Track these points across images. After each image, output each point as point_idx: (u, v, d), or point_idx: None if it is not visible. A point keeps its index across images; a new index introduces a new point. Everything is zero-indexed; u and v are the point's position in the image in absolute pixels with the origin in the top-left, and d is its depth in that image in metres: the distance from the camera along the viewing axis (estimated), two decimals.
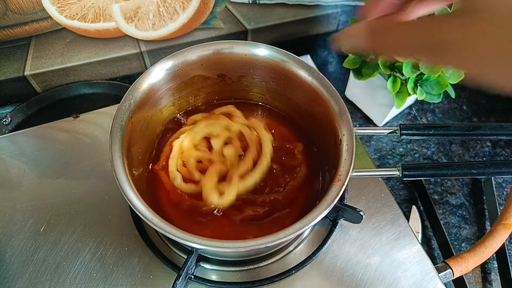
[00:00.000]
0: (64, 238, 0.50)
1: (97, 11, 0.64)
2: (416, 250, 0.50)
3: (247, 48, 0.49)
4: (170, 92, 0.51)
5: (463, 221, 0.65)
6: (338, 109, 0.45)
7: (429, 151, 0.73)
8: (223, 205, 0.45)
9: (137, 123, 0.46)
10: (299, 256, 0.50)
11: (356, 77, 0.65)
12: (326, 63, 0.86)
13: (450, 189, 0.69)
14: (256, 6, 0.73)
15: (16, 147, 0.58)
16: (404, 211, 0.65)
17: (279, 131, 0.55)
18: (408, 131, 0.45)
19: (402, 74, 0.57)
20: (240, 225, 0.47)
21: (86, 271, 0.47)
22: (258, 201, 0.47)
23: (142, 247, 0.49)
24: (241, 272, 0.48)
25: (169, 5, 0.67)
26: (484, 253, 0.52)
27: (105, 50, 0.71)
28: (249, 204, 0.47)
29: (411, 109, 0.78)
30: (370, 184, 0.55)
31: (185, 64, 0.49)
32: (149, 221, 0.36)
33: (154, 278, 0.47)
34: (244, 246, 0.36)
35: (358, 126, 0.76)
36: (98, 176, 0.55)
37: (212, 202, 0.44)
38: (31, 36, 0.65)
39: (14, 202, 0.53)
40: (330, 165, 0.46)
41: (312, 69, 0.48)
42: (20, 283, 0.47)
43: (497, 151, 0.74)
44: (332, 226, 0.51)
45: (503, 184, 0.69)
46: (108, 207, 0.52)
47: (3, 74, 0.68)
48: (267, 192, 0.48)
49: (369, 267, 0.49)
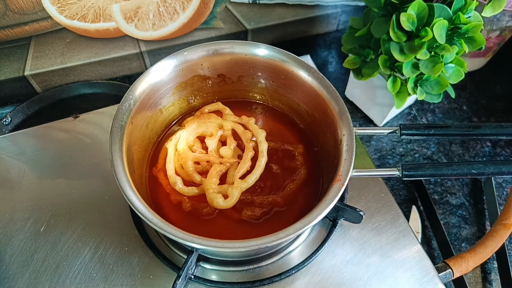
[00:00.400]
0: (64, 238, 0.50)
1: (97, 11, 0.64)
2: (416, 250, 0.50)
3: (247, 48, 0.49)
4: (170, 92, 0.51)
5: (463, 221, 0.65)
6: (338, 109, 0.45)
7: (429, 151, 0.73)
8: (228, 207, 0.45)
9: (137, 123, 0.46)
10: (299, 256, 0.50)
11: (356, 77, 0.65)
12: (326, 63, 0.86)
13: (450, 189, 0.69)
14: (256, 6, 0.73)
15: (16, 147, 0.58)
16: (404, 211, 0.65)
17: (279, 131, 0.55)
18: (408, 131, 0.45)
19: (402, 74, 0.57)
20: (240, 225, 0.47)
21: (86, 271, 0.47)
22: (256, 202, 0.47)
23: (142, 247, 0.49)
24: (241, 272, 0.48)
25: (169, 5, 0.67)
26: (484, 253, 0.52)
27: (105, 50, 0.71)
28: (248, 205, 0.47)
29: (411, 109, 0.78)
30: (370, 184, 0.55)
31: (185, 64, 0.49)
32: (149, 221, 0.37)
33: (154, 278, 0.47)
34: (244, 246, 0.36)
35: (358, 126, 0.76)
36: (98, 176, 0.55)
37: (218, 205, 0.45)
38: (31, 36, 0.65)
39: (14, 202, 0.53)
40: (330, 165, 0.46)
41: (312, 69, 0.48)
42: (20, 283, 0.47)
43: (497, 151, 0.74)
44: (332, 226, 0.51)
45: (503, 184, 0.69)
46: (108, 207, 0.52)
47: (3, 74, 0.68)
48: (266, 193, 0.48)
49: (369, 267, 0.49)
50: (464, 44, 0.54)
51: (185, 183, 0.47)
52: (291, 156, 0.51)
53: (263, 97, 0.57)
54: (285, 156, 0.51)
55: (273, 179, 0.49)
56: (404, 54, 0.54)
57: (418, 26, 0.53)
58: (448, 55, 0.56)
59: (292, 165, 0.50)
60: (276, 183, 0.49)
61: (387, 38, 0.55)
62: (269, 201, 0.47)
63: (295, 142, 0.53)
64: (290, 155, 0.51)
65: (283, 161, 0.51)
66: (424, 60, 0.55)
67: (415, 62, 0.56)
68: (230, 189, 0.45)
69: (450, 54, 0.56)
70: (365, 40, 0.62)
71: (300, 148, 0.52)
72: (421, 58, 0.54)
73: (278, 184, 0.49)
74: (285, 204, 0.48)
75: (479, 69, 0.85)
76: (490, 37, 0.73)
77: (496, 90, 0.83)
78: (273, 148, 0.51)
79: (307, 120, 0.53)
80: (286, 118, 0.56)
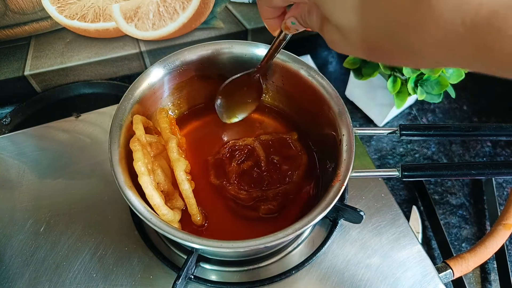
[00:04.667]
0: (64, 238, 0.50)
1: (97, 11, 0.64)
2: (416, 250, 0.50)
3: (247, 48, 0.49)
4: (169, 91, 0.51)
5: (463, 221, 0.65)
6: (338, 109, 0.45)
7: (429, 151, 0.73)
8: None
9: None
10: (299, 256, 0.50)
11: (356, 77, 0.65)
12: (326, 63, 0.86)
13: (450, 189, 0.69)
14: (256, 6, 0.73)
15: (16, 147, 0.58)
16: (404, 211, 0.65)
17: (279, 131, 0.55)
18: (408, 131, 0.45)
19: (402, 74, 0.57)
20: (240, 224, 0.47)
21: (86, 271, 0.47)
22: (270, 196, 0.47)
23: (142, 247, 0.49)
24: (241, 272, 0.48)
25: (169, 5, 0.67)
26: (484, 253, 0.52)
27: (105, 50, 0.71)
28: (263, 202, 0.47)
29: (411, 109, 0.78)
30: (370, 184, 0.55)
31: (185, 64, 0.49)
32: (148, 221, 0.37)
33: (154, 278, 0.47)
34: (243, 246, 0.36)
35: (358, 126, 0.76)
36: (98, 176, 0.55)
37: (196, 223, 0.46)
38: (31, 36, 0.65)
39: (14, 202, 0.53)
40: (329, 165, 0.46)
41: (312, 69, 0.47)
42: (20, 283, 0.47)
43: (497, 151, 0.74)
44: (332, 226, 0.51)
45: (504, 184, 0.69)
46: (108, 207, 0.52)
47: (3, 74, 0.68)
48: (276, 185, 0.48)
49: (369, 267, 0.49)
50: None
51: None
52: (288, 145, 0.52)
53: (263, 97, 0.57)
54: (282, 146, 0.52)
55: (278, 171, 0.50)
56: None
57: None
58: None
59: (291, 153, 0.51)
60: (282, 174, 0.49)
61: None
62: (281, 191, 0.48)
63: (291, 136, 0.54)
64: (287, 144, 0.52)
65: (281, 151, 0.51)
66: None
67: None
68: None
69: None
70: None
71: (294, 135, 0.53)
72: None
73: (283, 174, 0.49)
74: (296, 191, 0.48)
75: None
76: None
77: (496, 90, 0.83)
78: (267, 141, 0.52)
79: (307, 120, 0.53)
80: (285, 118, 0.56)
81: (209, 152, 0.52)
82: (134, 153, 0.40)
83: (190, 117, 0.56)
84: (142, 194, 0.39)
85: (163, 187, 0.43)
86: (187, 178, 0.44)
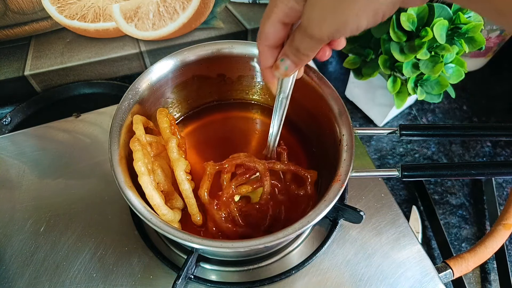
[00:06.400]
0: (64, 238, 0.50)
1: (97, 11, 0.64)
2: (416, 250, 0.50)
3: (247, 48, 0.49)
4: (169, 91, 0.51)
5: (463, 221, 0.65)
6: (337, 109, 0.45)
7: (429, 151, 0.73)
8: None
9: None
10: (299, 256, 0.50)
11: (356, 77, 0.65)
12: (326, 63, 0.86)
13: (450, 189, 0.69)
14: (256, 6, 0.73)
15: (16, 147, 0.58)
16: (404, 211, 0.65)
17: (298, 162, 0.51)
18: (407, 131, 0.45)
19: (402, 74, 0.57)
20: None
21: (86, 271, 0.47)
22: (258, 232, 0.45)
23: (142, 247, 0.49)
24: (241, 272, 0.48)
25: (169, 5, 0.67)
26: (484, 253, 0.52)
27: (105, 50, 0.71)
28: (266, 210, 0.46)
29: (411, 109, 0.78)
30: (370, 184, 0.55)
31: (185, 64, 0.49)
32: (148, 221, 0.37)
33: (154, 278, 0.47)
34: (243, 246, 0.36)
35: (358, 126, 0.76)
36: (98, 176, 0.55)
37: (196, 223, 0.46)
38: (31, 36, 0.65)
39: (14, 202, 0.53)
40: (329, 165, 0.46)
41: (312, 69, 0.47)
42: (20, 283, 0.47)
43: (497, 151, 0.74)
44: (332, 226, 0.51)
45: (504, 184, 0.69)
46: (108, 207, 0.52)
47: (3, 74, 0.68)
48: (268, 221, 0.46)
49: (369, 267, 0.49)
50: (464, 44, 0.54)
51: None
52: (301, 182, 0.48)
53: (263, 97, 0.57)
54: (293, 181, 0.49)
55: (278, 210, 0.47)
56: (404, 54, 0.54)
57: (418, 26, 0.53)
58: (448, 55, 0.56)
59: (300, 193, 0.48)
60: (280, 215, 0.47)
61: (387, 38, 0.55)
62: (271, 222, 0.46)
63: (294, 143, 0.53)
64: (301, 182, 0.48)
65: (290, 188, 0.48)
66: (424, 60, 0.55)
67: (415, 62, 0.56)
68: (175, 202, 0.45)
69: (450, 54, 0.56)
70: (365, 40, 0.62)
71: (314, 175, 0.48)
72: (421, 58, 0.54)
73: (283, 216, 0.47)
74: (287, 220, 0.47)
75: (479, 69, 0.84)
76: (490, 37, 0.73)
77: (496, 90, 0.83)
78: (279, 173, 0.49)
79: (307, 120, 0.53)
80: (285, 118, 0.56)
81: (209, 153, 0.52)
82: (134, 153, 0.40)
83: (190, 117, 0.57)
84: (142, 194, 0.39)
85: (163, 187, 0.43)
86: (187, 178, 0.44)
